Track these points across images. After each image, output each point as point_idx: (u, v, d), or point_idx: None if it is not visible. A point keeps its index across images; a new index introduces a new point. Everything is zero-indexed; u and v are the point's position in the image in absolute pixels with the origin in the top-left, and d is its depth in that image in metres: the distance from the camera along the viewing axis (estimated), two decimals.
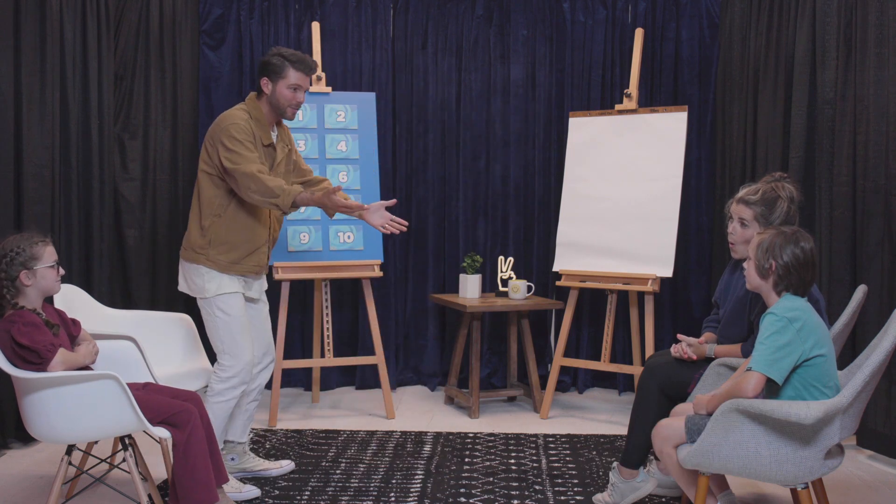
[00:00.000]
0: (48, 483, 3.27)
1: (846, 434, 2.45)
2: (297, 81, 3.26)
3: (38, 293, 2.71)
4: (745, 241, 3.03)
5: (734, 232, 3.09)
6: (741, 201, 3.06)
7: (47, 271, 2.71)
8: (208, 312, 3.20)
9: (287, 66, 3.23)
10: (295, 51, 3.30)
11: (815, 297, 2.83)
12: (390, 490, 3.29)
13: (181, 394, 2.90)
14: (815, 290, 2.91)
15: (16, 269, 2.65)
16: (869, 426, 3.76)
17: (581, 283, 4.48)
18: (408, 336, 5.21)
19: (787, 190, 3.06)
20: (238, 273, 3.22)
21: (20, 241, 2.68)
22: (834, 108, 4.01)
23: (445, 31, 5.14)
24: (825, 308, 2.96)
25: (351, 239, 4.52)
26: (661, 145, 4.43)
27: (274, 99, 3.26)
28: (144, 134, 4.68)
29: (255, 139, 3.19)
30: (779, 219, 3.02)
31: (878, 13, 3.74)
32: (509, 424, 4.34)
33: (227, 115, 3.23)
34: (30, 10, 3.79)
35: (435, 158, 5.16)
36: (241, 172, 3.07)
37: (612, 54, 5.10)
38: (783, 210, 3.03)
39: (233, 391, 3.19)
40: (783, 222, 2.99)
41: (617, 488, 3.12)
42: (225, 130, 3.14)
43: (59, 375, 2.57)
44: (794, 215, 3.04)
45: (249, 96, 3.32)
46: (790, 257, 2.50)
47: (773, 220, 3.02)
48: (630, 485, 3.10)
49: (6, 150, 3.68)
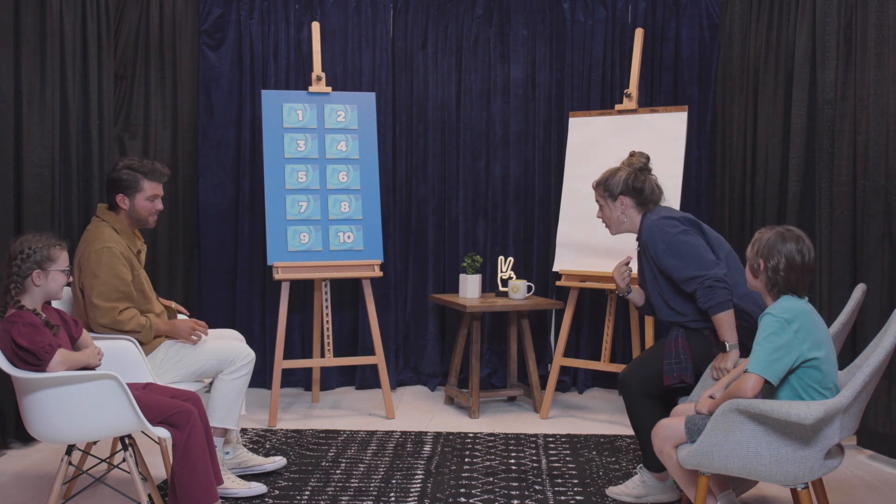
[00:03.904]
0: (48, 483, 3.27)
1: (846, 434, 2.45)
2: (154, 192, 3.27)
3: (43, 295, 2.71)
4: (609, 218, 3.30)
5: (600, 216, 3.35)
6: (594, 189, 3.34)
7: (58, 275, 2.72)
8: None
9: (140, 178, 3.23)
10: (142, 160, 3.29)
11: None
12: (390, 490, 3.29)
13: (181, 394, 2.90)
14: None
15: (29, 267, 2.66)
16: (869, 426, 3.76)
17: (581, 283, 4.48)
18: (408, 336, 5.21)
19: (628, 161, 3.30)
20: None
21: (38, 241, 2.69)
22: (834, 108, 4.01)
23: (445, 31, 5.14)
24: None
25: (351, 239, 4.52)
26: (661, 145, 4.43)
27: (134, 213, 3.25)
28: (144, 134, 4.68)
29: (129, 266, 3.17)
30: (619, 186, 3.22)
31: (878, 13, 3.74)
32: (509, 424, 4.34)
33: (96, 243, 3.15)
34: (30, 10, 3.79)
35: (435, 158, 5.16)
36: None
37: (612, 54, 5.10)
38: (621, 178, 3.24)
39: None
40: (633, 189, 3.21)
41: (647, 484, 3.16)
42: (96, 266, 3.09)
43: (59, 376, 2.57)
44: (646, 182, 3.23)
45: (102, 209, 3.26)
46: (777, 258, 2.49)
47: (615, 191, 3.23)
48: (662, 485, 3.15)
49: (6, 150, 3.68)
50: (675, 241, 3.07)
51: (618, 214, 3.27)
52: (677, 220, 3.13)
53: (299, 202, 4.48)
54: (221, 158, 5.06)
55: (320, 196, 4.52)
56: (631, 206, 3.24)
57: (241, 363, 3.25)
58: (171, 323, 3.29)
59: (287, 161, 4.49)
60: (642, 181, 3.23)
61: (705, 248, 3.08)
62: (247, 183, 5.03)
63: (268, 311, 5.04)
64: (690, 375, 3.04)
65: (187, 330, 3.25)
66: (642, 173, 3.24)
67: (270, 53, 5.04)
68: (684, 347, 3.09)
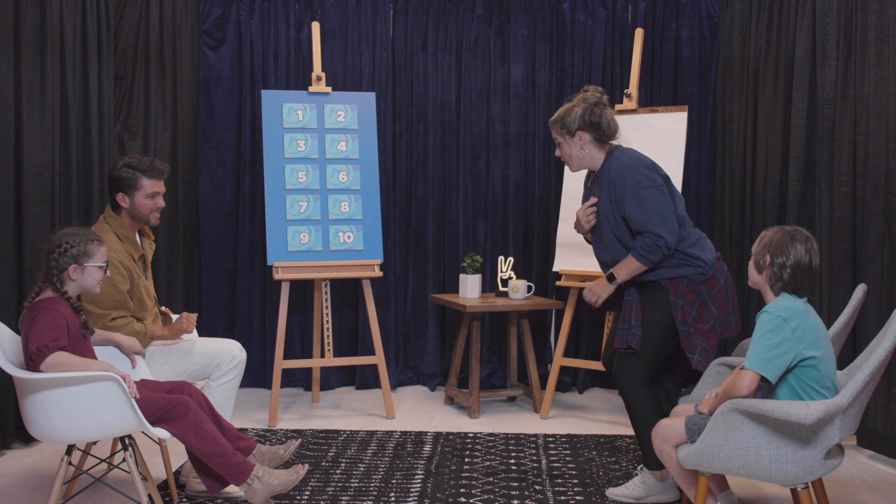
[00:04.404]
0: (48, 483, 3.27)
1: (846, 434, 2.45)
2: (154, 189, 3.26)
3: (79, 289, 2.74)
4: (570, 156, 3.28)
5: (559, 154, 3.33)
6: (551, 127, 3.31)
7: (95, 270, 2.74)
8: None
9: (139, 176, 3.22)
10: (141, 158, 3.29)
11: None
12: (390, 490, 3.29)
13: (175, 386, 2.91)
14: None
15: (66, 261, 2.67)
16: (869, 426, 3.76)
17: (581, 283, 4.47)
18: (408, 336, 5.21)
19: (582, 96, 3.26)
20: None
21: (76, 236, 2.71)
22: (834, 108, 4.01)
23: (445, 31, 5.14)
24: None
25: (351, 239, 4.52)
26: (662, 145, 4.43)
27: (135, 211, 3.25)
28: (144, 134, 4.68)
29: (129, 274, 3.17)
30: (576, 122, 3.20)
31: (878, 13, 3.74)
32: (509, 424, 4.34)
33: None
34: (30, 10, 3.79)
35: (435, 158, 5.16)
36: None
37: (612, 54, 5.10)
38: (577, 113, 3.22)
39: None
40: (590, 124, 3.19)
41: (647, 484, 3.15)
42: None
43: (59, 376, 2.57)
44: (602, 116, 3.20)
45: (108, 212, 3.27)
46: (785, 255, 2.50)
47: (572, 127, 3.21)
48: (662, 485, 3.15)
49: (6, 150, 3.68)
50: (646, 194, 3.07)
51: (577, 151, 3.25)
52: (657, 175, 3.12)
53: (299, 202, 4.48)
54: (221, 158, 5.06)
55: (320, 196, 4.52)
56: (589, 141, 3.22)
57: (227, 367, 3.24)
58: (168, 327, 3.30)
59: (287, 161, 4.49)
60: (598, 115, 3.20)
61: (672, 211, 3.09)
62: (247, 183, 5.03)
63: (268, 311, 5.04)
64: (637, 341, 3.08)
65: (184, 324, 3.27)
66: (598, 107, 3.21)
67: (270, 53, 5.04)
68: (636, 314, 3.11)
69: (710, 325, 3.07)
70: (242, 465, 2.79)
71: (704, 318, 3.07)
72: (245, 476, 2.77)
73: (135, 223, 3.29)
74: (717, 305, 3.09)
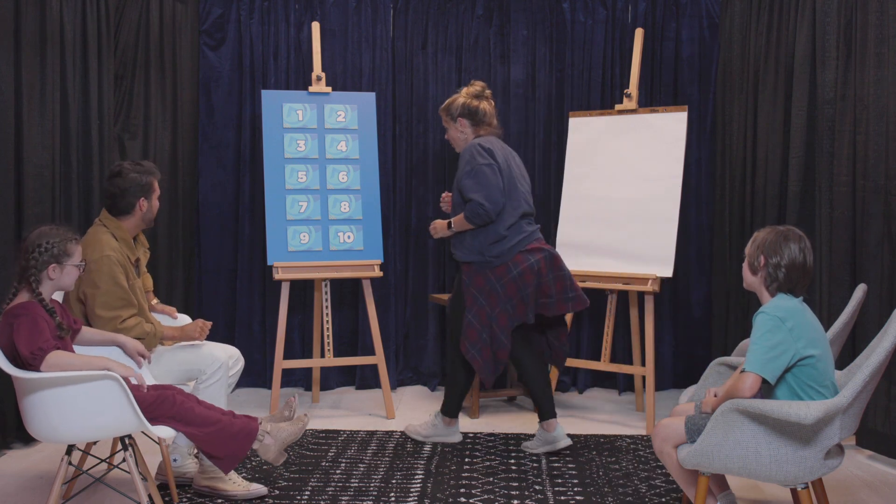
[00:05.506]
0: (48, 483, 3.27)
1: (846, 434, 2.45)
2: (158, 189, 3.33)
3: (55, 288, 2.73)
4: (454, 138, 3.90)
5: (448, 137, 3.95)
6: (441, 113, 3.93)
7: (73, 269, 2.74)
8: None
9: (153, 180, 3.27)
10: (142, 163, 3.31)
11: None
12: (390, 490, 3.29)
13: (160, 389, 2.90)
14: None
15: (46, 261, 2.67)
16: (869, 426, 3.76)
17: (581, 283, 4.47)
18: (408, 336, 5.21)
19: (466, 90, 3.86)
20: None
21: (55, 235, 2.69)
22: (834, 108, 4.01)
23: (445, 31, 5.14)
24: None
25: (351, 239, 4.52)
26: (661, 145, 4.43)
27: (149, 213, 3.28)
28: (144, 134, 4.68)
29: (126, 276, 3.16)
30: (458, 110, 3.82)
31: (878, 13, 3.74)
32: (509, 424, 4.34)
33: (95, 252, 3.10)
34: (30, 10, 3.79)
35: (435, 158, 5.16)
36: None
37: (612, 54, 5.10)
38: (459, 103, 3.83)
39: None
40: (469, 111, 3.80)
41: (436, 426, 3.88)
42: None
43: (58, 376, 2.57)
44: (479, 107, 3.81)
45: (105, 215, 3.24)
46: (779, 255, 2.50)
47: (454, 114, 3.84)
48: (449, 429, 3.88)
49: (6, 150, 3.68)
50: (478, 168, 3.66)
51: (458, 134, 3.88)
52: (491, 154, 3.68)
53: (299, 202, 4.48)
54: (221, 158, 5.06)
55: (320, 196, 4.52)
56: (468, 126, 3.85)
57: (211, 370, 3.20)
58: (179, 328, 3.29)
59: (287, 161, 4.49)
60: (476, 105, 3.82)
61: (499, 187, 3.65)
62: (247, 183, 5.03)
63: (268, 311, 5.04)
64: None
65: (196, 331, 3.27)
66: (478, 99, 3.83)
67: (270, 53, 5.04)
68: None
69: (498, 309, 3.67)
70: (248, 427, 2.82)
71: (493, 303, 3.68)
72: (254, 435, 2.83)
73: (139, 227, 3.30)
74: (506, 293, 3.68)
